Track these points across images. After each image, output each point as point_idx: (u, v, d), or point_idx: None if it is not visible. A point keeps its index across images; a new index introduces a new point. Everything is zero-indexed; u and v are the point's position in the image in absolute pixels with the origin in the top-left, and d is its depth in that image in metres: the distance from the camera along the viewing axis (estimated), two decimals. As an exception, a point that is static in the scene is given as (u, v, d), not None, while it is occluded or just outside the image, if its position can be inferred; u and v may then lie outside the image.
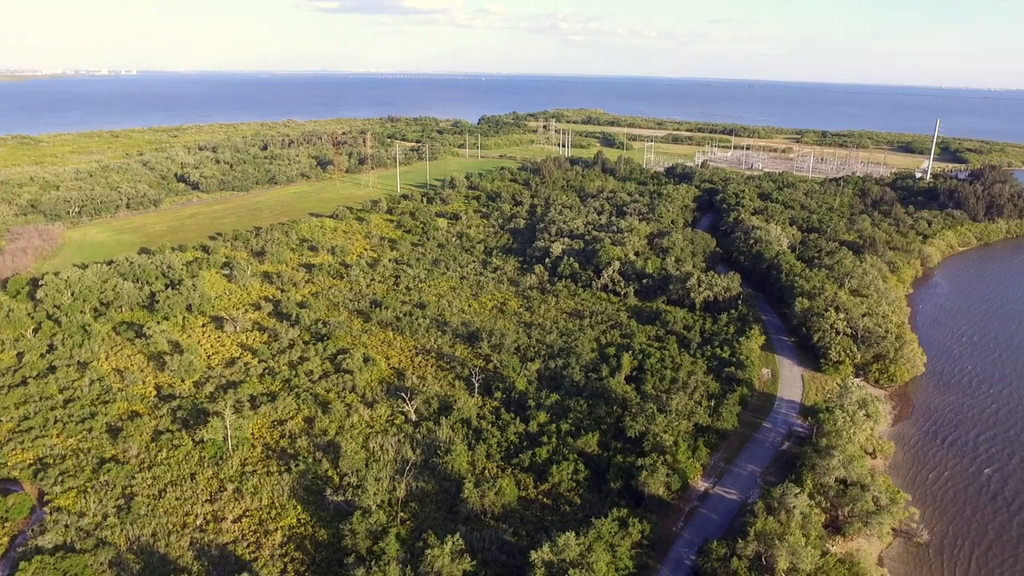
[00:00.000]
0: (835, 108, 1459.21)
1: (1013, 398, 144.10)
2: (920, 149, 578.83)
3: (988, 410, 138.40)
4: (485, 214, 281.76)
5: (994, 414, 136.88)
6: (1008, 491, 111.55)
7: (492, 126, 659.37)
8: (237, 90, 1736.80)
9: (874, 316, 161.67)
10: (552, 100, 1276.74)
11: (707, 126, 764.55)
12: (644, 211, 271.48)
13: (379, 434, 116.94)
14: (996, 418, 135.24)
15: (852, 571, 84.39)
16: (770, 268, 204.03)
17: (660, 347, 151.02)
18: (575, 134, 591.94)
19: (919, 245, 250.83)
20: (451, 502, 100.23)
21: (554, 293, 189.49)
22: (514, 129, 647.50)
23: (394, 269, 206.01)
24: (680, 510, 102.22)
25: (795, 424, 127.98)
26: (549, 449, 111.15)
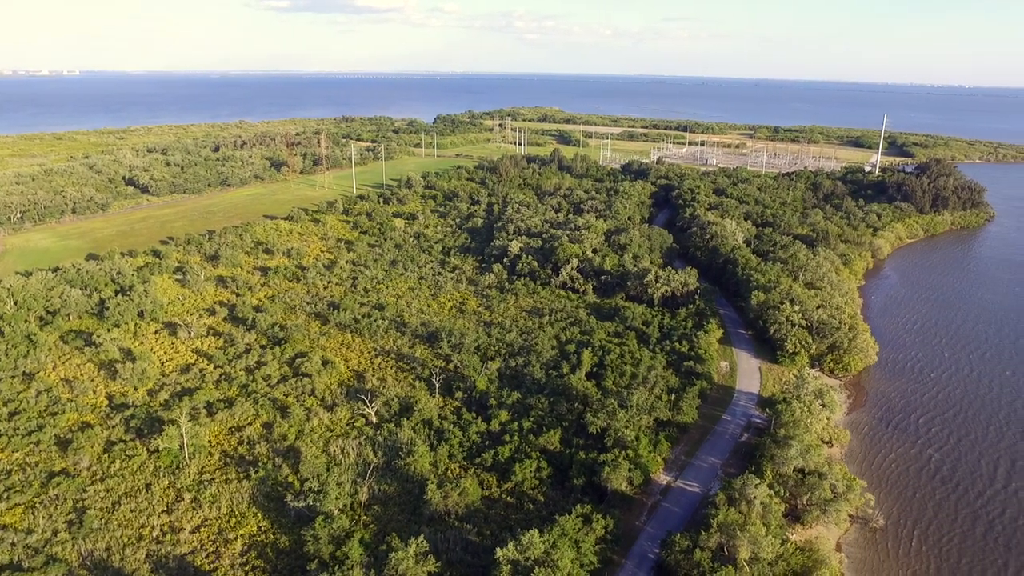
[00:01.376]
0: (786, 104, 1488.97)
1: (954, 382, 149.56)
2: (869, 144, 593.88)
3: (934, 395, 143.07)
4: (442, 214, 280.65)
5: (939, 398, 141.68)
6: (951, 471, 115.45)
7: (448, 125, 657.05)
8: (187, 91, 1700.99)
9: (828, 308, 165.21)
10: (508, 98, 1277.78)
11: (662, 123, 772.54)
12: (601, 208, 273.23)
13: (340, 437, 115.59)
14: (940, 402, 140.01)
15: (811, 558, 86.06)
16: (726, 263, 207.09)
17: (620, 343, 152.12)
18: (531, 132, 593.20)
19: (870, 238, 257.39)
20: (414, 504, 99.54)
21: (513, 291, 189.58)
22: (470, 128, 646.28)
23: (351, 270, 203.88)
24: (643, 504, 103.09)
25: (754, 415, 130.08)
26: (511, 448, 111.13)
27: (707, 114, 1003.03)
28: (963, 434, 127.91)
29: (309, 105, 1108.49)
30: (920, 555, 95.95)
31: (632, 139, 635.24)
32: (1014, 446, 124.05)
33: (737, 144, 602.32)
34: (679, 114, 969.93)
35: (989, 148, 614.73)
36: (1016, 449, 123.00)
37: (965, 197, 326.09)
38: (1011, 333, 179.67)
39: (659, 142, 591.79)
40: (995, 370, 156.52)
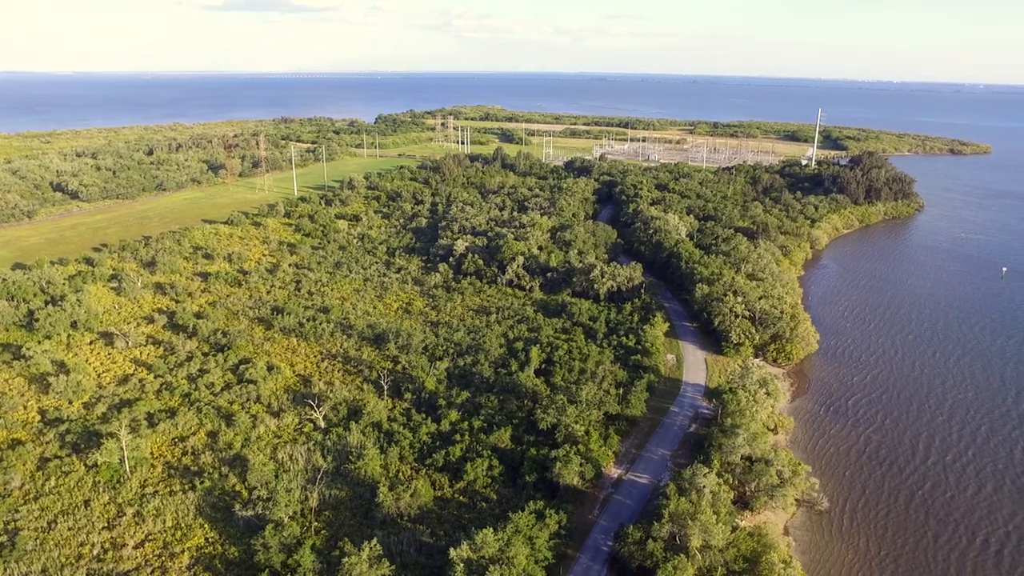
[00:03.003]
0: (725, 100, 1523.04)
1: (887, 365, 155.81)
2: (804, 137, 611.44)
3: (869, 379, 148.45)
4: (386, 214, 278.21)
5: (873, 382, 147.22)
6: (884, 451, 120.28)
7: (390, 125, 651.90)
8: (116, 92, 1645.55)
9: (770, 298, 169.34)
10: (450, 97, 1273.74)
11: (603, 120, 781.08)
12: (545, 205, 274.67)
13: (288, 444, 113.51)
14: (874, 385, 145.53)
15: (760, 543, 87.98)
16: (670, 256, 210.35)
17: (567, 339, 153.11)
18: (474, 131, 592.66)
19: (808, 229, 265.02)
20: (366, 507, 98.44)
21: (460, 291, 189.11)
22: (412, 127, 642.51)
23: (295, 274, 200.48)
24: (595, 498, 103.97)
25: (701, 406, 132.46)
26: (462, 447, 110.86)
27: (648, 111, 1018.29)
28: (893, 414, 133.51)
29: (246, 106, 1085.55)
30: (860, 533, 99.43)
31: (575, 136, 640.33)
32: (933, 422, 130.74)
33: (678, 140, 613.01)
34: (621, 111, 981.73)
35: (917, 141, 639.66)
36: (934, 425, 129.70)
37: (896, 188, 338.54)
38: (937, 316, 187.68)
39: (601, 139, 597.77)
40: (922, 352, 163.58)
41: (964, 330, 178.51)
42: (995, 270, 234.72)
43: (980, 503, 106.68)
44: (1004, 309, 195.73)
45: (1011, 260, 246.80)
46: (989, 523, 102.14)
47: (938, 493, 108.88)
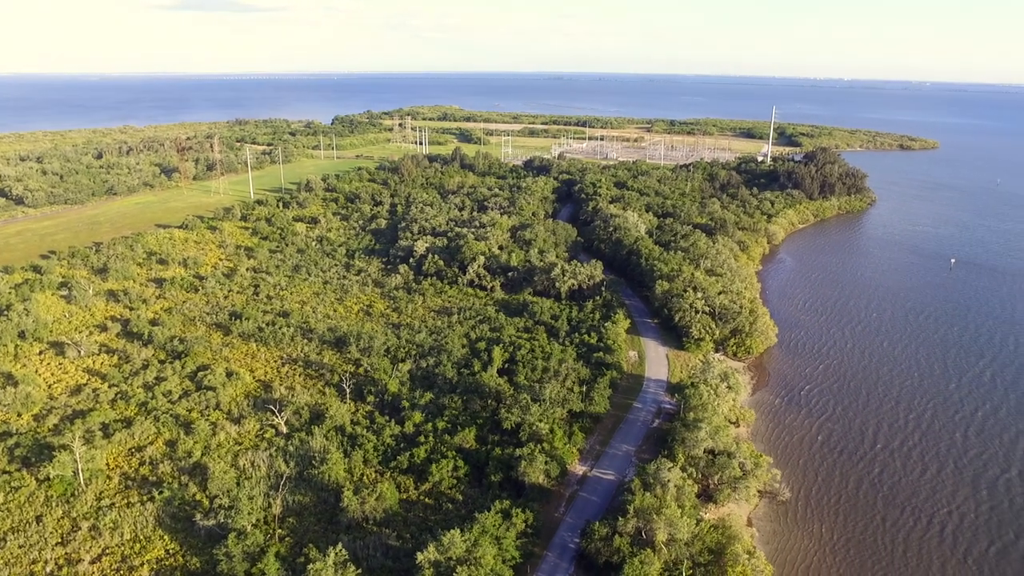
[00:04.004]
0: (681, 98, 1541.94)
1: (841, 356, 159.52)
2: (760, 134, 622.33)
3: (826, 370, 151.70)
4: (345, 216, 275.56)
5: (829, 372, 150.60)
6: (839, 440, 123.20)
7: (347, 126, 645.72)
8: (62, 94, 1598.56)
9: (729, 293, 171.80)
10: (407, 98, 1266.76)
11: (561, 119, 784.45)
12: (505, 205, 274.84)
13: (249, 450, 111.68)
14: (830, 376, 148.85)
15: (725, 535, 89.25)
16: (630, 254, 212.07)
17: (530, 338, 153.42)
18: (432, 131, 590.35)
19: (765, 224, 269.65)
20: (331, 512, 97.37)
21: (421, 292, 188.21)
22: (369, 128, 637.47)
23: (253, 278, 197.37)
24: (561, 496, 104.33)
25: (663, 401, 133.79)
26: (427, 448, 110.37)
27: (605, 109, 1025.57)
28: (847, 403, 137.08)
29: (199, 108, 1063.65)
30: (815, 519, 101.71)
31: (533, 135, 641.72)
32: (882, 409, 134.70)
33: (635, 138, 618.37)
34: (578, 110, 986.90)
35: (868, 137, 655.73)
36: (883, 411, 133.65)
37: (849, 183, 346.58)
38: (888, 307, 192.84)
39: (559, 138, 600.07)
40: (873, 342, 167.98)
41: (913, 320, 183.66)
42: (944, 261, 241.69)
43: (925, 485, 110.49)
44: (950, 299, 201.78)
45: (959, 251, 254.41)
46: (934, 503, 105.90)
47: (887, 477, 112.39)
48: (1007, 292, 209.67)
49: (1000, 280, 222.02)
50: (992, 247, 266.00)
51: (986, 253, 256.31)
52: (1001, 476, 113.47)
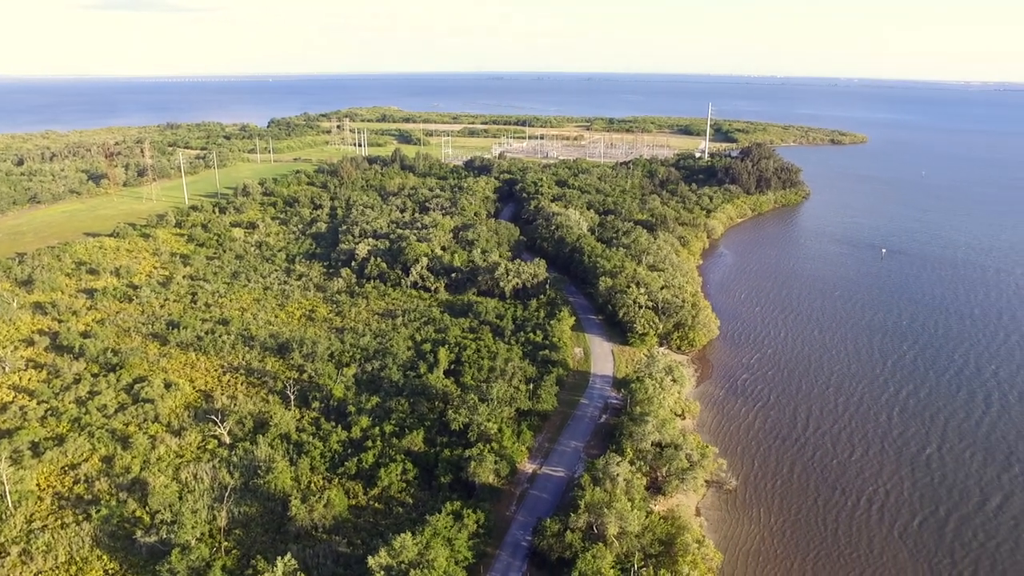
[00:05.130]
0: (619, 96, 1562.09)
1: (779, 346, 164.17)
2: (697, 131, 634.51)
3: (765, 360, 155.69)
4: (284, 220, 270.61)
5: (769, 362, 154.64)
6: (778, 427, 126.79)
7: (283, 129, 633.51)
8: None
9: (671, 288, 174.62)
10: (345, 99, 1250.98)
11: (501, 118, 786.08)
12: (447, 205, 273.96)
13: (191, 462, 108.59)
14: (769, 365, 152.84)
15: (675, 526, 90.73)
16: (573, 251, 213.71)
17: (475, 338, 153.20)
18: (371, 132, 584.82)
19: (704, 219, 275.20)
20: (278, 522, 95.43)
21: (364, 295, 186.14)
22: (307, 131, 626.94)
23: (190, 286, 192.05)
24: (512, 494, 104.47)
25: (610, 397, 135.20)
26: (375, 453, 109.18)
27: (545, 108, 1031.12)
28: (785, 390, 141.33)
29: (128, 112, 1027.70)
30: (757, 504, 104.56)
31: (473, 135, 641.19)
32: (813, 394, 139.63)
33: (575, 136, 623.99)
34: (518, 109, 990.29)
35: (801, 132, 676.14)
36: (816, 397, 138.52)
37: (784, 177, 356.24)
38: (822, 296, 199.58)
39: (500, 137, 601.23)
40: (809, 330, 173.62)
41: (845, 308, 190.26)
42: (875, 251, 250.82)
43: (855, 465, 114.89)
44: (880, 287, 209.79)
45: (889, 241, 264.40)
46: (863, 482, 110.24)
47: (820, 459, 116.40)
48: (932, 279, 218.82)
49: (926, 268, 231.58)
50: (919, 236, 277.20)
51: (914, 242, 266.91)
52: (924, 452, 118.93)
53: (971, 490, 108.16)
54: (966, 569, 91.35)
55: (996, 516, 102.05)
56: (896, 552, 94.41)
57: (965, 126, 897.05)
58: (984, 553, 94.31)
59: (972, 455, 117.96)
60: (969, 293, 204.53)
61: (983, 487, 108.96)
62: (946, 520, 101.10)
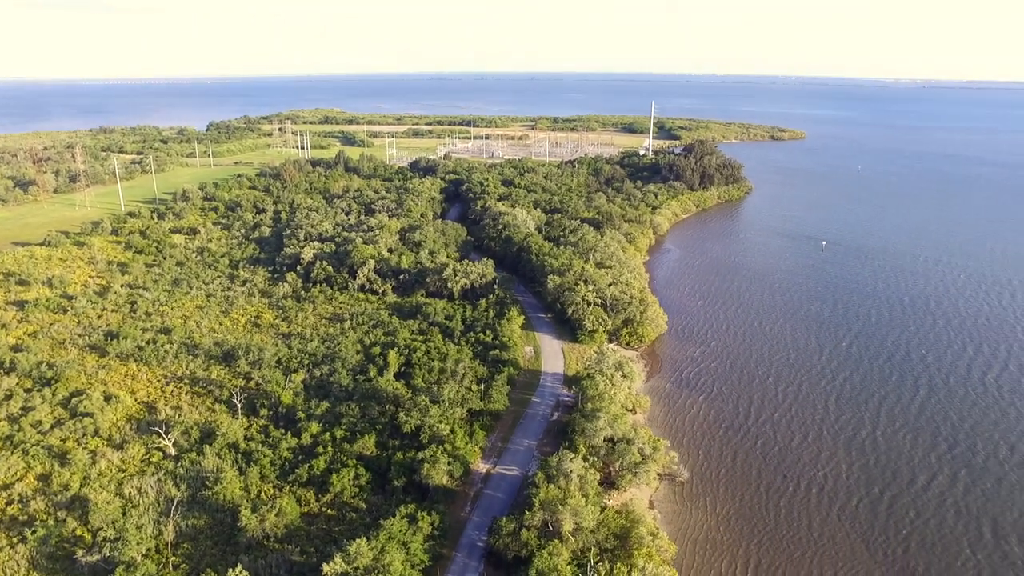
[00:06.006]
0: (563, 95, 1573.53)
1: (726, 338, 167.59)
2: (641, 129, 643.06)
3: (711, 352, 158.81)
4: (226, 225, 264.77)
5: (715, 354, 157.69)
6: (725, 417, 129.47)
7: (223, 132, 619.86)
8: None
9: (619, 285, 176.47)
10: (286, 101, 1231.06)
11: (446, 119, 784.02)
12: (393, 207, 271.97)
13: (135, 476, 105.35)
14: (716, 358, 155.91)
15: (629, 519, 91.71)
16: (520, 251, 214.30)
17: (425, 340, 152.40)
18: (313, 135, 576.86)
19: (650, 216, 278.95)
20: (228, 534, 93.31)
21: (310, 299, 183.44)
22: (248, 134, 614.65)
23: (128, 295, 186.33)
24: (466, 495, 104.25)
25: (562, 394, 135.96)
26: (326, 459, 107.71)
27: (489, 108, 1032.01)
28: (730, 382, 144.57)
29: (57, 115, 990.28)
30: (706, 494, 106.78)
31: (417, 136, 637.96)
32: (755, 384, 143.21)
33: (520, 136, 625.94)
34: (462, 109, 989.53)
35: (742, 128, 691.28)
36: (759, 387, 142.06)
37: (727, 173, 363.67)
38: (764, 289, 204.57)
39: (445, 138, 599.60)
40: (751, 322, 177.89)
41: (787, 299, 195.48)
42: (815, 244, 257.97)
43: (795, 451, 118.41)
44: (820, 278, 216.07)
45: (829, 234, 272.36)
46: (802, 468, 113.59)
47: (762, 447, 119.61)
48: (869, 269, 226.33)
49: (863, 259, 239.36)
50: (857, 228, 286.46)
51: (852, 234, 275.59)
52: (859, 435, 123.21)
53: (904, 470, 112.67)
54: (900, 545, 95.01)
55: (925, 493, 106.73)
56: (836, 532, 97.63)
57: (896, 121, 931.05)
58: (915, 528, 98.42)
59: (904, 437, 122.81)
60: (902, 282, 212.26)
61: (914, 466, 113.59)
62: (881, 499, 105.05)
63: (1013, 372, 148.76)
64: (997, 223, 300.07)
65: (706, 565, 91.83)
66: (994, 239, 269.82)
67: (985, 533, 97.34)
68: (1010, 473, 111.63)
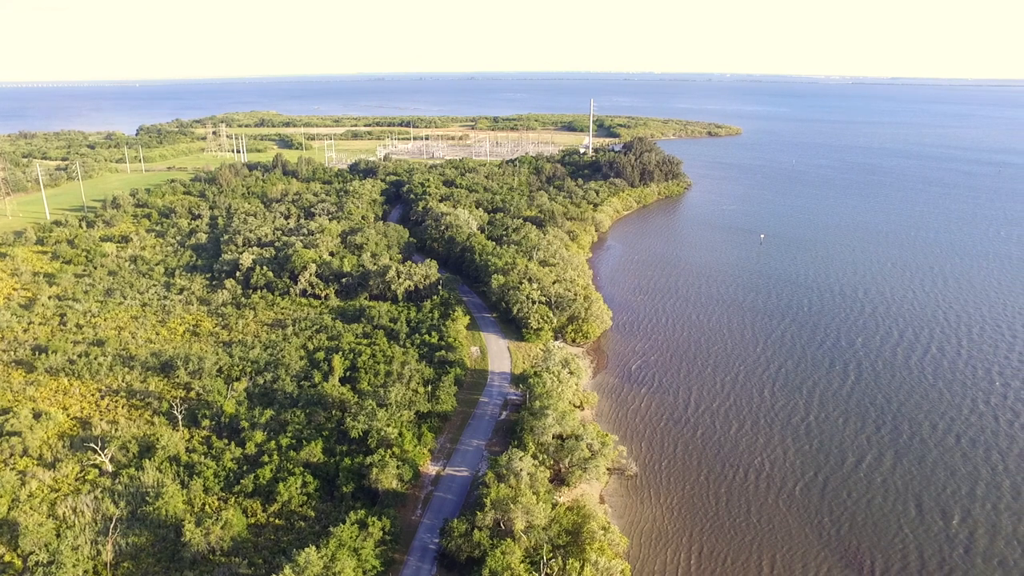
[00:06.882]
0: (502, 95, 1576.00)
1: (668, 331, 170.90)
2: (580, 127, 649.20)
3: (654, 345, 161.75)
4: (160, 232, 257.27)
5: (658, 347, 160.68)
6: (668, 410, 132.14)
7: (154, 136, 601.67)
8: None
9: (563, 282, 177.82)
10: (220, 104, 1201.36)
11: (385, 120, 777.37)
12: (333, 210, 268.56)
13: (69, 496, 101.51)
14: (660, 351, 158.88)
15: (580, 515, 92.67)
16: (464, 251, 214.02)
17: (370, 343, 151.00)
18: (249, 138, 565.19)
19: (592, 213, 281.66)
20: (172, 549, 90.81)
21: (251, 306, 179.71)
22: (180, 138, 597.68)
23: (57, 307, 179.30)
24: (416, 498, 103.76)
25: (509, 393, 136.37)
26: (272, 468, 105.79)
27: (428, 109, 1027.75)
28: (672, 374, 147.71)
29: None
30: (651, 485, 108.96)
31: (357, 138, 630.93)
32: (690, 376, 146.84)
33: (460, 136, 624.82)
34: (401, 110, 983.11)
35: (680, 125, 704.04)
36: (691, 378, 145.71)
37: (667, 170, 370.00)
38: (705, 282, 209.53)
39: (384, 139, 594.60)
40: (693, 315, 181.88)
41: (726, 291, 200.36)
42: (754, 237, 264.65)
43: (732, 439, 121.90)
44: (758, 270, 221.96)
45: (766, 227, 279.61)
46: (743, 455, 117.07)
47: (704, 437, 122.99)
48: (804, 260, 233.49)
49: (798, 250, 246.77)
50: (792, 220, 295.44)
51: (787, 226, 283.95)
52: (796, 422, 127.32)
53: (837, 452, 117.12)
54: (843, 525, 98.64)
55: (856, 473, 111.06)
56: (776, 516, 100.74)
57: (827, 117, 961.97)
58: (857, 508, 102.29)
59: (837, 420, 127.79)
60: (835, 271, 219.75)
61: (852, 449, 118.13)
62: (817, 481, 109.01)
63: (935, 354, 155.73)
64: (923, 213, 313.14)
65: (656, 556, 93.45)
66: (919, 228, 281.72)
67: (911, 509, 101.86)
68: (932, 451, 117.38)
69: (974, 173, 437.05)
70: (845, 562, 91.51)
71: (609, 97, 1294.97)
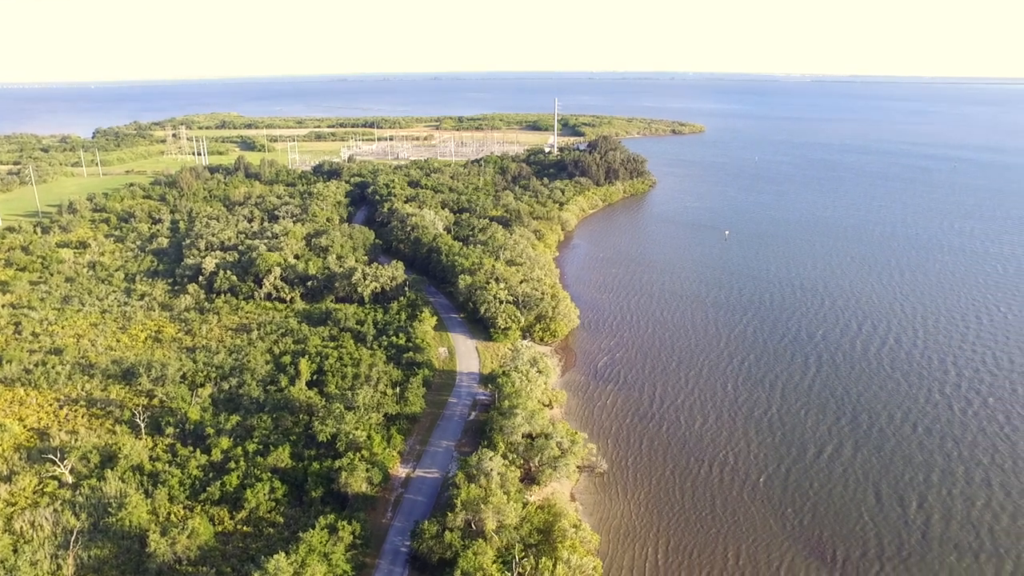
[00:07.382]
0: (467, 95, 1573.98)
1: (635, 329, 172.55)
2: (545, 126, 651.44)
3: (622, 343, 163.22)
4: (119, 238, 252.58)
5: (625, 345, 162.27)
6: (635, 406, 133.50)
7: (112, 139, 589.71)
8: None
9: (530, 282, 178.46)
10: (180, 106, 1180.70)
11: (348, 121, 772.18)
12: (297, 212, 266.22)
13: (26, 510, 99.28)
14: (628, 348, 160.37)
15: (551, 513, 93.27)
16: (430, 252, 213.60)
17: (336, 346, 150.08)
18: (210, 140, 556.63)
19: (558, 212, 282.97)
20: (137, 561, 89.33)
21: (214, 311, 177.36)
22: (139, 141, 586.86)
23: (12, 315, 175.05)
24: (386, 501, 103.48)
25: (478, 393, 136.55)
26: (239, 474, 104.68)
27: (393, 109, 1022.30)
28: (638, 371, 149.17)
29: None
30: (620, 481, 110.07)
31: (320, 139, 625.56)
32: (655, 372, 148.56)
33: (425, 136, 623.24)
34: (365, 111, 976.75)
35: (644, 124, 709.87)
36: (657, 374, 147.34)
37: (632, 168, 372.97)
38: (671, 279, 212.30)
39: (348, 140, 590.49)
40: (658, 312, 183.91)
41: (691, 287, 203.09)
42: (718, 233, 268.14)
43: (700, 433, 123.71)
44: (722, 266, 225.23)
45: (730, 223, 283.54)
46: (707, 448, 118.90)
47: (670, 431, 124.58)
48: (767, 255, 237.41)
49: (761, 245, 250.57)
50: (755, 216, 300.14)
51: (751, 222, 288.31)
52: (759, 414, 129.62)
53: (799, 444, 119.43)
54: (806, 515, 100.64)
55: (818, 463, 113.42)
56: (742, 508, 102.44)
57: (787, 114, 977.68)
58: (819, 498, 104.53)
59: (800, 412, 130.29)
60: (797, 266, 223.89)
61: (813, 440, 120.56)
62: (780, 472, 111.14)
63: (893, 345, 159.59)
64: (881, 207, 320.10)
65: (625, 551, 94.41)
66: (877, 222, 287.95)
67: (870, 497, 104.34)
68: (890, 440, 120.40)
69: (930, 168, 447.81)
70: (808, 551, 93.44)
71: (574, 96, 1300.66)
